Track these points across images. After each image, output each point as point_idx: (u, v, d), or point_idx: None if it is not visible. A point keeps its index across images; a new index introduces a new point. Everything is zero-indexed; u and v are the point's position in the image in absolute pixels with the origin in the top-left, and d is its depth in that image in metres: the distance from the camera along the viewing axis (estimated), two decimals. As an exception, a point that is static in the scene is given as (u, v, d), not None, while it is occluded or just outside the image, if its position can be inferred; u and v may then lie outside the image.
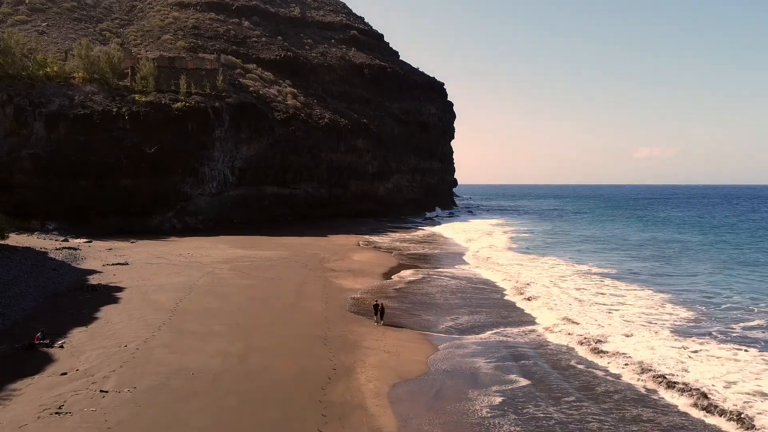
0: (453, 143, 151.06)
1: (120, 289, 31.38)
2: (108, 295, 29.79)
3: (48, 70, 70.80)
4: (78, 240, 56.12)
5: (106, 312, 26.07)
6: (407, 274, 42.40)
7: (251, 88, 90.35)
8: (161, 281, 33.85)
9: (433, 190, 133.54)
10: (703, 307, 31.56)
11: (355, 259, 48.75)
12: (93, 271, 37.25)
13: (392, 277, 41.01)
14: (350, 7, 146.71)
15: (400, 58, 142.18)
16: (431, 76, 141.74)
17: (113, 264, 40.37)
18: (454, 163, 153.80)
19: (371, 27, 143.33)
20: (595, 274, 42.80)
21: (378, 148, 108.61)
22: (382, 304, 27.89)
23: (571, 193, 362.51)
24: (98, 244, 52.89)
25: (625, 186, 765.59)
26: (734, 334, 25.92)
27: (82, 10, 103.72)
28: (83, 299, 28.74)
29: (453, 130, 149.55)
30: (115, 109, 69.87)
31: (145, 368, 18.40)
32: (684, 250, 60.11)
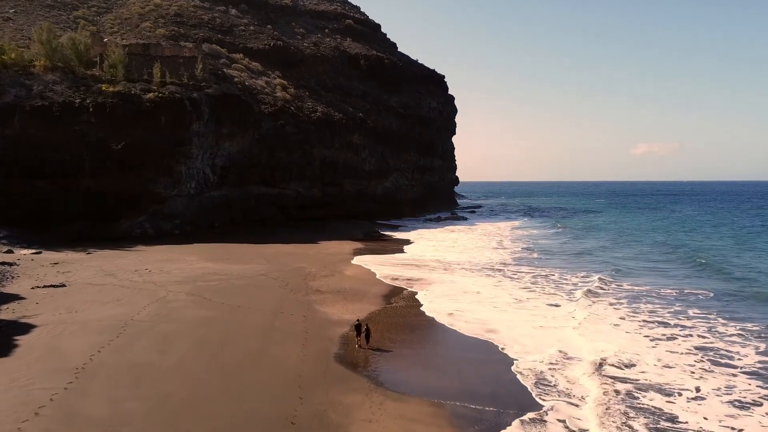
0: (453, 139, 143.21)
1: (29, 329, 23.47)
2: (5, 339, 21.87)
3: (5, 57, 62.75)
4: (26, 251, 48.32)
5: (-20, 375, 18.14)
6: (411, 297, 34.43)
7: (236, 79, 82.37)
8: (90, 315, 25.90)
9: (434, 189, 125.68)
10: None
11: (347, 274, 40.83)
12: (14, 297, 29.33)
13: (392, 300, 33.06)
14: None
15: (398, 50, 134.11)
16: (431, 68, 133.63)
17: (45, 286, 32.46)
18: (455, 160, 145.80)
19: (367, 17, 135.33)
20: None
21: (375, 145, 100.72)
22: (366, 325, 24.12)
23: (571, 190, 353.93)
24: (46, 257, 45.00)
25: (624, 183, 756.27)
26: None
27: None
28: (-34, 348, 20.82)
29: (454, 125, 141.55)
30: (78, 101, 61.94)
31: None
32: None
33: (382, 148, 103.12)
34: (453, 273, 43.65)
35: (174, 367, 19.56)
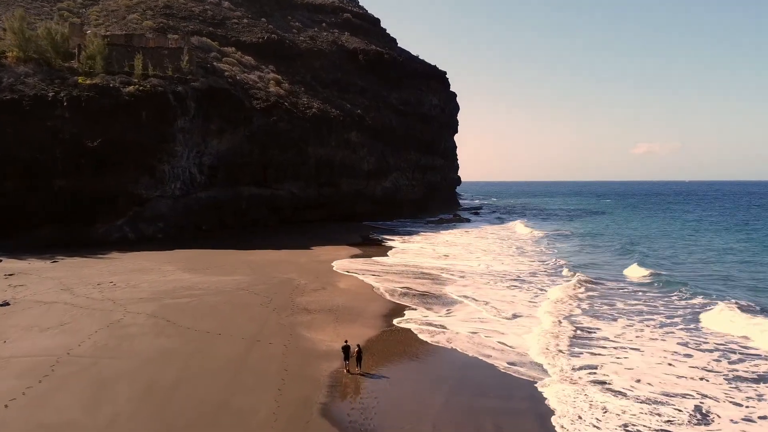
0: (456, 138, 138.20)
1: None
2: None
3: (-27, 48, 58.01)
4: (-15, 259, 43.40)
5: None
6: (417, 317, 29.47)
7: (227, 73, 77.48)
8: (20, 347, 21.00)
9: (436, 189, 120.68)
10: None
11: (341, 287, 35.87)
12: (-60, 321, 24.40)
13: (394, 322, 28.06)
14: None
15: (398, 46, 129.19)
16: (432, 64, 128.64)
17: (-16, 305, 27.54)
18: (457, 160, 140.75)
19: (366, 11, 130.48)
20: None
21: (374, 143, 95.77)
22: (358, 345, 21.11)
23: (572, 190, 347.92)
24: (3, 266, 40.35)
25: (624, 182, 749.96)
26: None
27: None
28: None
29: (456, 123, 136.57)
30: (51, 94, 57.09)
31: None
32: None
33: (381, 147, 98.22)
34: (471, 286, 37.74)
35: (101, 430, 14.63)
